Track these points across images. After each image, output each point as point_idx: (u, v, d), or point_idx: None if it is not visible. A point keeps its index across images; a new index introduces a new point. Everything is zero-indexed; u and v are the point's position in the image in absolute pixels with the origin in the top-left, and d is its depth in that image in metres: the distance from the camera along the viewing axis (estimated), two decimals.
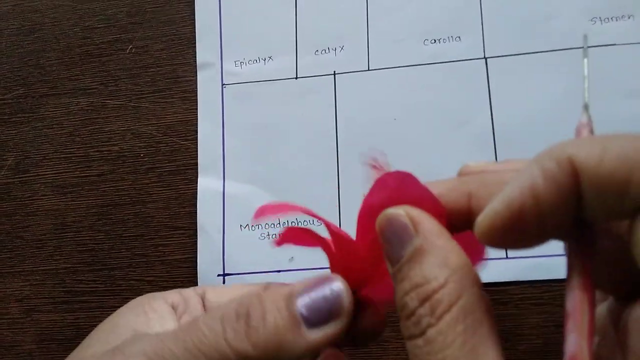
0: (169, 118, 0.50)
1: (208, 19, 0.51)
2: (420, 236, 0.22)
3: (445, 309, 0.20)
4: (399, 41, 0.48)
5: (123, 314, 0.28)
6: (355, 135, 0.47)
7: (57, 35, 0.53)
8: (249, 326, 0.23)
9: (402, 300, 0.21)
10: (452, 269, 0.21)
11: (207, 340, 0.23)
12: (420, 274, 0.21)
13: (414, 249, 0.22)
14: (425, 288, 0.21)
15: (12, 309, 0.49)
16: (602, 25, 0.45)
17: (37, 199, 0.51)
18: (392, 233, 0.22)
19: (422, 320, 0.20)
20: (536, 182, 0.19)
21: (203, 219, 0.48)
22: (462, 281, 0.21)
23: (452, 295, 0.20)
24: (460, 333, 0.20)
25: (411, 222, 0.22)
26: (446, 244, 0.22)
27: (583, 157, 0.19)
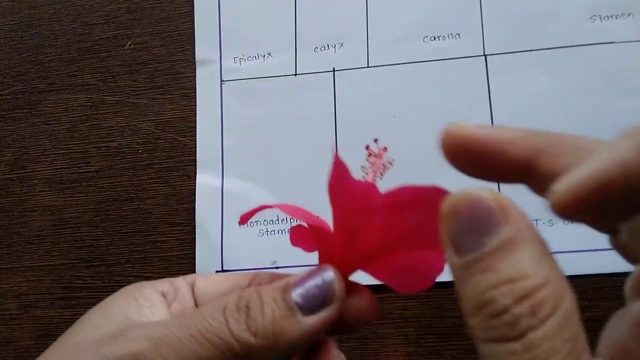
0: (168, 114, 0.50)
1: (207, 16, 0.51)
2: (512, 225, 0.19)
3: (550, 312, 0.18)
4: (399, 38, 0.48)
5: (113, 301, 0.29)
6: (354, 132, 0.47)
7: (56, 31, 0.53)
8: (249, 317, 0.24)
9: (487, 294, 0.19)
10: (552, 267, 0.19)
11: (212, 329, 0.24)
12: (513, 267, 0.18)
13: (505, 238, 0.19)
14: (522, 284, 0.18)
15: (10, 304, 0.49)
16: (601, 23, 0.45)
17: (35, 195, 0.51)
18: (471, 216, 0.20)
19: (521, 321, 0.18)
20: (630, 156, 0.18)
21: (201, 216, 0.48)
22: (561, 282, 0.19)
23: (556, 297, 0.18)
24: (567, 340, 0.18)
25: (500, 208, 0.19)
26: (540, 238, 0.19)
27: None
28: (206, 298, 0.31)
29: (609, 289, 0.42)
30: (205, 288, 0.31)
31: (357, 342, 0.44)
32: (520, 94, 0.45)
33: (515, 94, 0.45)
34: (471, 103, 0.46)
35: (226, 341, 0.23)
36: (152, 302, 0.28)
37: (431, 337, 0.43)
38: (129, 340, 0.24)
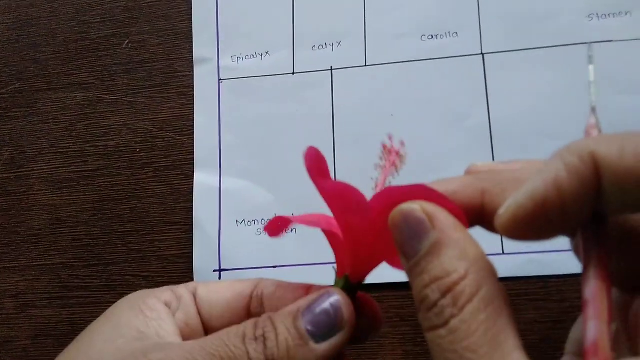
0: (166, 113, 0.50)
1: (205, 14, 0.51)
2: (437, 230, 0.22)
3: (468, 299, 0.21)
4: (397, 37, 0.48)
5: (120, 313, 0.29)
6: (352, 130, 0.47)
7: (54, 30, 0.53)
8: (266, 347, 0.25)
9: (422, 293, 0.22)
10: (471, 261, 0.22)
11: (234, 357, 0.25)
12: (439, 266, 0.22)
13: (432, 243, 0.22)
14: (446, 280, 0.22)
15: (7, 304, 0.49)
16: (599, 21, 0.45)
17: (33, 194, 0.51)
18: (407, 227, 0.23)
19: (445, 311, 0.21)
20: (560, 175, 0.20)
21: (199, 214, 0.48)
22: (482, 272, 0.22)
23: (473, 286, 0.21)
24: (483, 321, 0.21)
25: (427, 216, 0.23)
26: (463, 237, 0.22)
27: (604, 153, 0.20)
28: (209, 307, 0.31)
29: None
30: (208, 297, 0.31)
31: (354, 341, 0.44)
32: (518, 92, 0.45)
33: (513, 93, 0.45)
34: (469, 101, 0.46)
35: None
36: (158, 314, 0.29)
37: None
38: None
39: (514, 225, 0.21)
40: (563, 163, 0.20)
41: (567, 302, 0.42)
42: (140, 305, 0.29)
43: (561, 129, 0.44)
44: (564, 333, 0.42)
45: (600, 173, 0.20)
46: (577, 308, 0.44)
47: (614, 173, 0.19)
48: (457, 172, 0.46)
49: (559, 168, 0.20)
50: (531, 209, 0.20)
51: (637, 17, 0.44)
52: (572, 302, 0.42)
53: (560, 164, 0.20)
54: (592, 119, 0.26)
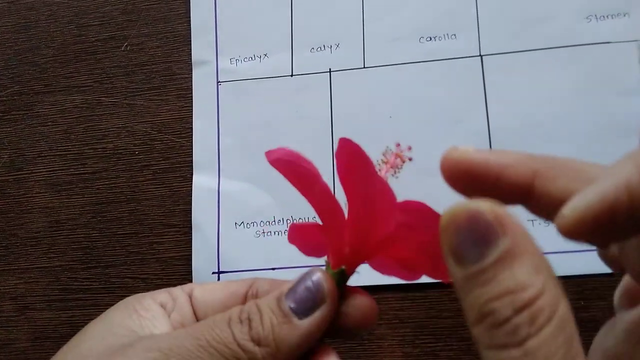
0: (164, 115, 0.50)
1: (203, 17, 0.51)
2: (509, 237, 0.20)
3: (547, 320, 0.19)
4: (395, 39, 0.48)
5: (114, 314, 0.29)
6: (350, 132, 0.47)
7: (52, 33, 0.53)
8: (251, 328, 0.26)
9: (489, 305, 0.20)
10: (547, 276, 0.20)
11: (220, 339, 0.25)
12: (513, 279, 0.20)
13: (504, 251, 0.20)
14: (522, 295, 0.20)
15: (6, 306, 0.49)
16: (597, 23, 0.45)
17: (32, 197, 0.51)
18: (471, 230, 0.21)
19: (520, 330, 0.19)
20: (633, 179, 0.19)
21: (198, 217, 0.48)
22: (557, 290, 0.20)
23: (552, 305, 0.20)
24: (562, 345, 0.19)
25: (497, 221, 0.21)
26: (537, 249, 0.21)
27: None
28: (205, 307, 0.31)
29: (605, 289, 0.42)
30: (203, 297, 0.32)
31: (353, 343, 0.44)
32: (516, 94, 0.45)
33: (511, 94, 0.45)
34: (467, 103, 0.46)
35: (234, 350, 0.25)
36: (152, 314, 0.29)
37: (427, 338, 0.43)
38: (140, 351, 0.25)
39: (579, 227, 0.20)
40: (636, 166, 0.19)
41: (570, 303, 0.42)
42: (135, 305, 0.29)
43: (560, 131, 0.44)
44: None
45: None
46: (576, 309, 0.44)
47: None
48: None
49: (631, 171, 0.19)
50: (599, 212, 0.19)
51: (635, 18, 0.44)
52: (570, 303, 0.42)
53: (633, 167, 0.19)
54: None
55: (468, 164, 0.23)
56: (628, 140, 0.43)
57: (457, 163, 0.24)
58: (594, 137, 0.44)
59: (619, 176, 0.19)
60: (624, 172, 0.19)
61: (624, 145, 0.43)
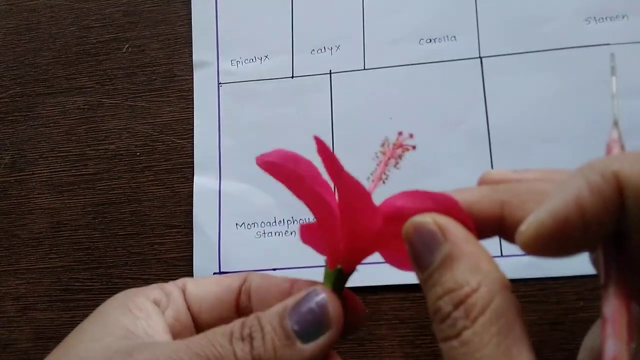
0: (165, 117, 0.50)
1: (204, 18, 0.51)
2: (449, 242, 0.23)
3: (480, 312, 0.21)
4: (395, 41, 0.48)
5: (108, 311, 0.29)
6: (351, 134, 0.47)
7: (54, 34, 0.53)
8: (252, 347, 0.25)
9: (436, 304, 0.23)
10: (483, 274, 0.22)
11: (220, 356, 0.25)
12: (452, 279, 0.22)
13: (444, 256, 0.23)
14: (459, 293, 0.22)
15: (8, 307, 0.49)
16: (596, 25, 0.45)
17: (33, 198, 0.51)
18: (420, 240, 0.24)
19: (458, 322, 0.22)
20: (582, 194, 0.20)
21: (199, 218, 0.48)
22: (494, 285, 0.22)
23: (485, 299, 0.21)
24: (495, 334, 0.21)
25: (439, 229, 0.23)
26: (475, 250, 0.23)
27: (628, 172, 0.20)
28: (199, 302, 0.31)
29: None
30: (197, 291, 0.32)
31: (353, 344, 0.44)
32: (516, 95, 0.45)
33: (511, 96, 0.45)
34: (467, 105, 0.46)
35: None
36: (146, 312, 0.29)
37: (427, 338, 0.43)
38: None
39: (536, 242, 0.21)
40: (585, 181, 0.20)
41: (565, 304, 0.42)
42: (128, 304, 0.29)
43: (559, 133, 0.44)
44: (563, 335, 0.42)
45: (624, 193, 0.20)
46: (575, 310, 0.44)
47: (637, 193, 0.20)
48: (455, 176, 0.47)
49: (581, 186, 0.20)
50: (553, 227, 0.21)
51: (634, 20, 0.45)
52: (570, 304, 0.42)
53: (583, 182, 0.20)
54: (614, 133, 0.26)
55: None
56: (627, 142, 0.43)
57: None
58: (593, 139, 0.44)
59: (569, 192, 0.21)
60: (574, 187, 0.21)
61: None
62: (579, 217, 0.20)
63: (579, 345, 0.29)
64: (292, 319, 0.25)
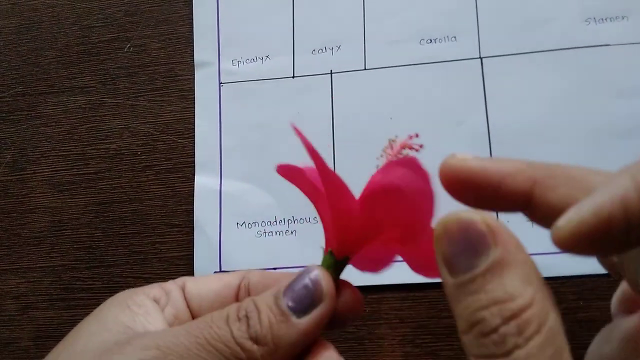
0: (167, 116, 0.50)
1: (206, 18, 0.51)
2: (500, 247, 0.21)
3: (535, 331, 0.19)
4: (395, 41, 0.48)
5: (107, 309, 0.29)
6: (351, 134, 0.47)
7: (56, 34, 0.54)
8: (249, 326, 0.25)
9: (478, 314, 0.20)
10: (537, 287, 0.20)
11: (218, 337, 0.25)
12: (502, 288, 0.20)
13: (494, 261, 0.21)
14: (511, 305, 0.20)
15: (9, 306, 0.49)
16: (596, 25, 0.45)
17: (35, 197, 0.51)
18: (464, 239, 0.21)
19: (508, 340, 0.19)
20: (628, 194, 0.19)
21: (200, 217, 0.48)
22: (547, 301, 0.20)
23: (541, 316, 0.20)
24: (550, 357, 0.19)
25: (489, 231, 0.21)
26: (528, 259, 0.21)
27: None
28: (198, 299, 0.31)
29: (604, 289, 0.42)
30: (196, 289, 0.32)
31: (353, 343, 0.44)
32: (516, 96, 0.46)
33: (511, 97, 0.46)
34: (467, 105, 0.46)
35: (232, 348, 0.25)
36: (145, 309, 0.29)
37: (427, 337, 0.43)
38: (137, 349, 0.25)
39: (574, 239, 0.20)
40: (633, 181, 0.19)
41: (565, 304, 0.42)
42: (127, 301, 0.29)
43: (560, 133, 0.44)
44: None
45: None
46: (575, 310, 0.44)
47: None
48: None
49: (627, 186, 0.19)
50: (594, 225, 0.19)
51: (634, 21, 0.45)
52: (569, 303, 0.42)
53: (629, 182, 0.19)
54: None
55: (467, 172, 0.23)
56: (627, 142, 0.43)
57: (455, 171, 0.24)
58: (593, 139, 0.44)
59: (615, 190, 0.19)
60: (621, 186, 0.19)
61: (623, 147, 0.43)
62: (623, 217, 0.19)
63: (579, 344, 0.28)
64: (286, 297, 0.26)
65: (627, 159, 0.45)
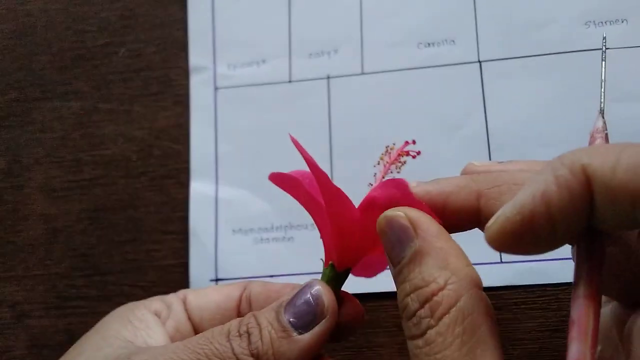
0: (161, 122, 0.50)
1: (201, 23, 0.51)
2: (419, 238, 0.22)
3: (445, 311, 0.21)
4: (393, 45, 0.48)
5: (108, 324, 0.29)
6: (349, 138, 0.47)
7: (49, 39, 0.53)
8: (250, 342, 0.25)
9: (404, 301, 0.22)
10: (451, 271, 0.22)
11: (218, 353, 0.25)
12: (419, 276, 0.22)
13: (414, 251, 0.22)
14: (425, 290, 0.22)
15: (3, 314, 0.49)
16: (596, 29, 0.45)
17: (28, 204, 0.50)
18: (392, 234, 0.23)
19: (422, 321, 0.21)
20: (549, 189, 0.19)
21: (195, 224, 0.47)
22: (462, 282, 0.21)
23: (451, 298, 0.21)
24: (459, 334, 0.21)
25: (411, 224, 0.23)
26: (445, 245, 0.22)
27: (597, 166, 0.19)
28: (199, 311, 0.32)
29: None
30: (197, 302, 0.32)
31: (352, 352, 0.44)
32: (515, 100, 0.45)
33: (511, 100, 0.45)
34: (466, 109, 0.46)
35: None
36: (146, 324, 0.29)
37: None
38: None
39: (502, 238, 0.20)
40: (553, 175, 0.19)
41: (565, 311, 0.42)
42: (128, 316, 0.30)
43: (559, 137, 0.44)
44: (563, 342, 0.42)
45: (592, 187, 0.19)
46: None
47: (605, 189, 0.19)
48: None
49: (548, 180, 0.19)
50: (519, 222, 0.20)
51: (633, 24, 0.44)
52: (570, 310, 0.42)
53: (550, 176, 0.20)
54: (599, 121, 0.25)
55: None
56: None
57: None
58: None
59: (537, 186, 0.20)
60: (542, 181, 0.20)
61: None
62: (546, 212, 0.19)
63: None
64: (288, 313, 0.26)
65: None
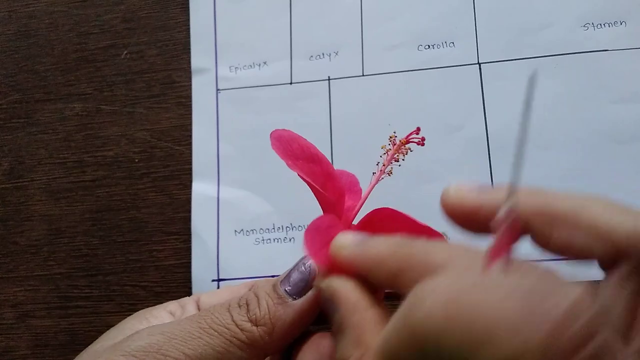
0: (164, 123, 0.50)
1: (203, 25, 0.51)
2: (339, 312, 0.24)
3: None
4: (393, 47, 0.48)
5: (126, 322, 0.32)
6: (349, 140, 0.47)
7: (52, 41, 0.53)
8: (249, 311, 0.28)
9: None
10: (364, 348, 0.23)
11: (219, 321, 0.27)
12: (340, 350, 0.24)
13: (336, 324, 0.24)
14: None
15: (6, 314, 0.49)
16: (594, 31, 0.45)
17: (32, 204, 0.51)
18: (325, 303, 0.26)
19: None
20: None
21: (197, 224, 0.48)
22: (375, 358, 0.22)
23: None
24: None
25: (332, 296, 0.25)
26: (361, 319, 0.24)
27: None
28: None
29: None
30: (209, 301, 0.35)
31: None
32: (514, 102, 0.45)
33: (510, 102, 0.45)
34: (466, 111, 0.46)
35: (233, 331, 0.27)
36: (161, 319, 0.32)
37: None
38: (144, 335, 0.27)
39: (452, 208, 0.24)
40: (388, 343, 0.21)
41: None
42: (145, 314, 0.33)
43: (558, 139, 0.44)
44: None
45: None
46: None
47: None
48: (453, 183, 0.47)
49: None
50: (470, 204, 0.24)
51: (631, 26, 0.45)
52: None
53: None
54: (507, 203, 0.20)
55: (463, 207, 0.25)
56: (626, 148, 0.43)
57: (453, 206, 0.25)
58: (592, 145, 0.44)
59: None
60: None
61: (622, 153, 0.43)
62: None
63: None
64: (283, 285, 0.29)
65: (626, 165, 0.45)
